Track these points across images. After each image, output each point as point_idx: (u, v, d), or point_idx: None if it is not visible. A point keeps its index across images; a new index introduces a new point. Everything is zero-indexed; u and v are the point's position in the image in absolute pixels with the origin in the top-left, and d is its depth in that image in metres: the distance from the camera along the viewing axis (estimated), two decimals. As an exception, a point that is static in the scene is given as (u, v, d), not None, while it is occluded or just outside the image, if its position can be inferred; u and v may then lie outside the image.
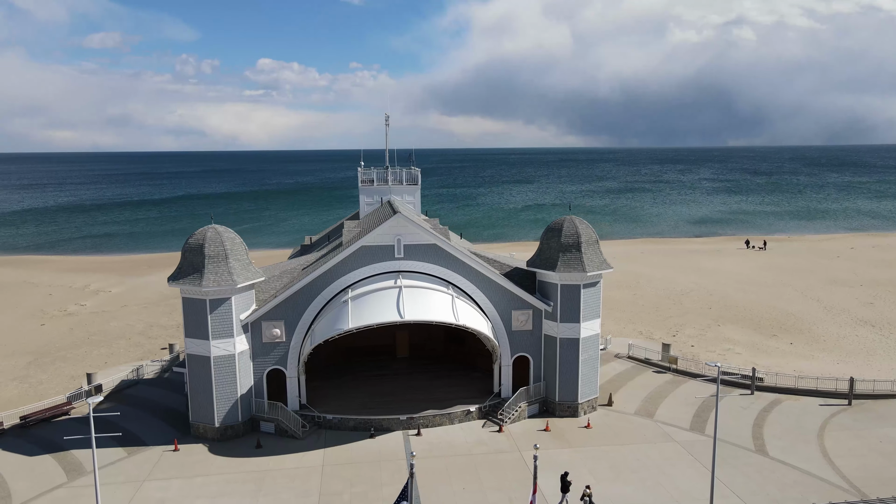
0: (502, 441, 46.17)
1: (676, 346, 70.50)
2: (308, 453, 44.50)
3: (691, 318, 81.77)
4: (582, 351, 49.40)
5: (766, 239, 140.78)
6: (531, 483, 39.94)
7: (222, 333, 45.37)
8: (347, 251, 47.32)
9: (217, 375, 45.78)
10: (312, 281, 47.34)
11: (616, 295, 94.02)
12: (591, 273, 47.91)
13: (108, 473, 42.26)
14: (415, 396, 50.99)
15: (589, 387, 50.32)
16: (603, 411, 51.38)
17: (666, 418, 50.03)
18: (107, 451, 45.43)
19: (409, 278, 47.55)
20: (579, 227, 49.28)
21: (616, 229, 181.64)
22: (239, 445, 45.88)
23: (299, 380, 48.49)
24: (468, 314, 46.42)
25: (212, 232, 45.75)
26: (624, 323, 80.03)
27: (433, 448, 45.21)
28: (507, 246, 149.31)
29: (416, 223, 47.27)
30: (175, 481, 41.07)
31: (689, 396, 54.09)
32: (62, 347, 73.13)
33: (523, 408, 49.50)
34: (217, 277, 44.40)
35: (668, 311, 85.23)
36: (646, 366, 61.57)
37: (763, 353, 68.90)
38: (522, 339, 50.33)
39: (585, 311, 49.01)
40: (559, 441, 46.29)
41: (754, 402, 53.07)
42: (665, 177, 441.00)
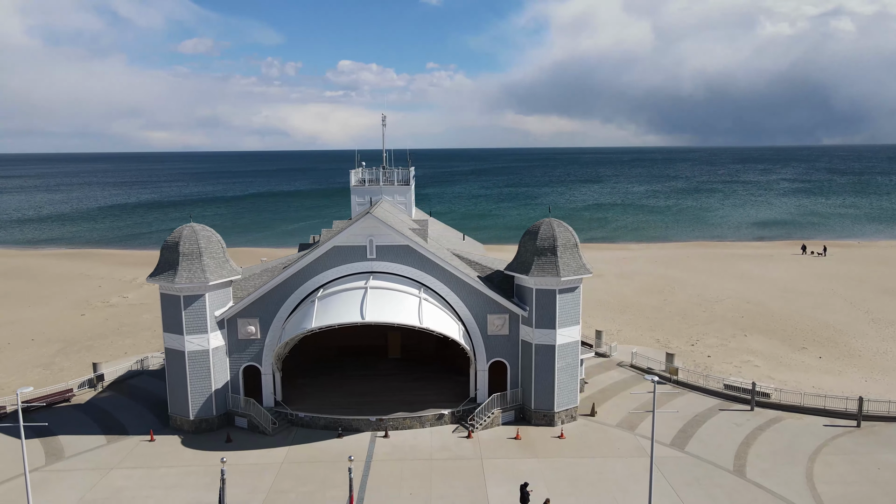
0: (467, 448, 45.31)
1: (692, 356, 67.36)
2: (272, 450, 45.13)
3: (717, 327, 77.77)
4: (558, 358, 47.81)
5: (826, 244, 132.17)
6: (483, 491, 39.22)
7: (196, 329, 46.64)
8: (320, 251, 47.65)
9: (191, 370, 47.11)
10: (286, 280, 47.97)
11: (644, 300, 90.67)
12: (566, 278, 46.29)
13: (83, 459, 44.25)
14: (392, 398, 50.80)
15: (566, 396, 48.67)
16: (583, 421, 49.59)
17: (648, 432, 47.75)
18: (90, 437, 47.59)
19: (381, 279, 47.39)
20: (556, 230, 47.71)
21: (671, 232, 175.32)
22: (211, 439, 47.06)
23: (274, 377, 49.22)
24: (435, 317, 45.79)
25: (188, 230, 47.09)
26: (643, 330, 77.03)
27: (396, 451, 44.92)
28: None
29: (388, 224, 46.99)
30: (139, 471, 42.54)
31: (680, 410, 51.45)
32: (92, 337, 77.17)
33: (497, 414, 48.41)
34: (190, 274, 45.65)
35: (695, 319, 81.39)
36: (647, 375, 58.88)
37: (784, 366, 64.72)
38: (499, 344, 49.24)
39: (562, 317, 47.38)
40: (527, 450, 45.00)
41: (751, 419, 49.90)
42: (743, 177, 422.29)
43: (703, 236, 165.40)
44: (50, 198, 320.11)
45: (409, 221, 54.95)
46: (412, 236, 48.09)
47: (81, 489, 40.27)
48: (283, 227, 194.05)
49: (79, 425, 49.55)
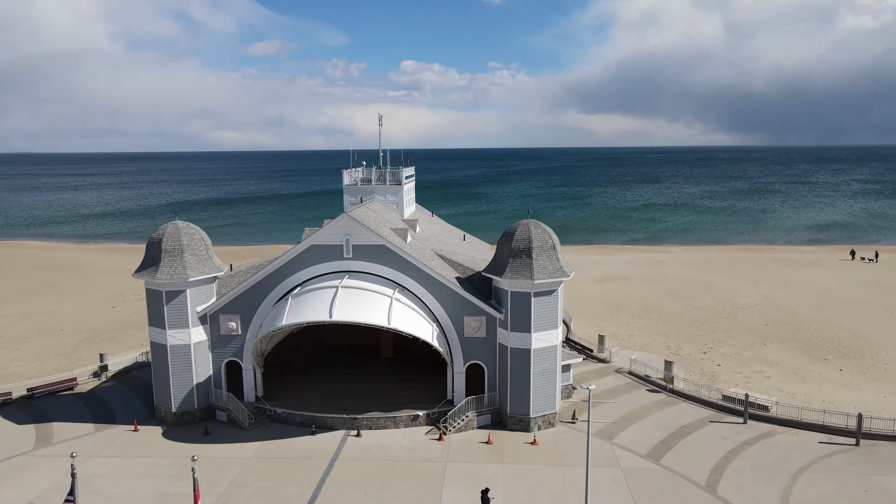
0: (436, 450, 44.92)
1: (701, 364, 64.83)
2: (244, 444, 45.94)
3: (738, 335, 74.52)
4: (534, 363, 46.80)
5: (878, 250, 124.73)
6: (439, 494, 38.92)
7: (178, 324, 47.96)
8: (297, 250, 48.20)
9: (173, 363, 48.48)
10: (266, 277, 48.75)
11: (666, 305, 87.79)
12: (541, 281, 45.23)
13: (68, 446, 46.07)
14: (373, 397, 50.90)
15: (543, 401, 47.60)
16: (561, 428, 48.41)
17: (627, 442, 46.21)
18: (80, 425, 49.60)
19: (356, 279, 47.53)
20: (532, 232, 46.68)
21: (718, 234, 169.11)
22: (190, 431, 48.28)
23: (255, 373, 50.09)
24: (406, 318, 45.59)
25: (171, 227, 48.48)
26: (657, 336, 74.58)
27: (364, 450, 44.99)
28: (583, 249, 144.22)
29: (363, 224, 47.09)
30: (115, 459, 44.07)
31: (667, 420, 49.59)
32: (115, 329, 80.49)
33: (471, 417, 47.82)
34: (171, 271, 46.97)
35: (716, 326, 78.22)
36: (643, 383, 57.13)
37: (798, 378, 61.44)
38: (476, 347, 48.61)
39: (538, 321, 46.34)
40: (495, 456, 44.25)
41: (741, 433, 47.58)
42: (812, 177, 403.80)
43: (750, 240, 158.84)
44: (118, 195, 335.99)
45: (395, 221, 54.88)
46: (389, 236, 48.03)
47: (57, 475, 42.00)
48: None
49: (73, 413, 51.73)
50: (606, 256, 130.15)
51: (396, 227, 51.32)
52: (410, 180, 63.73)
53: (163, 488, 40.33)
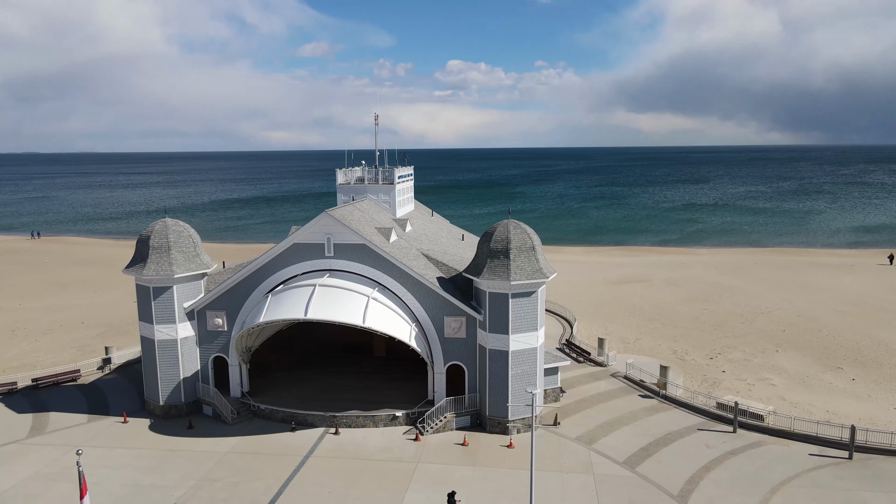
0: (409, 450, 44.79)
1: (704, 370, 62.97)
2: (225, 439, 46.71)
3: (750, 341, 72.08)
4: (512, 365, 46.19)
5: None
6: (402, 496, 38.87)
7: (165, 319, 49.07)
8: (280, 248, 48.71)
9: (161, 358, 49.63)
10: (251, 275, 49.43)
11: (682, 309, 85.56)
12: (518, 282, 44.58)
13: (58, 436, 47.74)
14: (357, 396, 51.07)
15: (522, 404, 46.90)
16: (541, 432, 47.60)
17: (606, 447, 45.17)
18: (75, 416, 51.23)
19: (337, 277, 47.76)
20: (511, 232, 46.04)
21: (754, 236, 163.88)
22: (176, 425, 49.31)
23: (241, 368, 50.85)
24: (382, 317, 45.58)
25: (160, 225, 49.62)
26: (666, 340, 72.74)
27: (339, 448, 45.18)
28: (609, 250, 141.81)
29: (343, 223, 47.28)
30: (99, 450, 45.34)
31: (653, 426, 48.29)
32: (130, 323, 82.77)
33: (449, 418, 47.51)
34: (158, 267, 48.09)
35: (729, 331, 75.82)
36: (637, 388, 55.78)
37: (806, 386, 59.07)
38: (456, 347, 48.27)
39: (516, 323, 45.71)
40: (467, 458, 43.84)
41: (728, 442, 45.97)
42: (867, 178, 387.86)
43: (788, 242, 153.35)
44: (164, 193, 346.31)
45: (383, 220, 54.90)
46: (370, 236, 48.10)
47: (41, 464, 43.46)
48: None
49: (71, 404, 53.47)
50: (632, 258, 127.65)
51: (381, 227, 51.36)
52: (406, 180, 63.64)
53: (137, 479, 41.28)
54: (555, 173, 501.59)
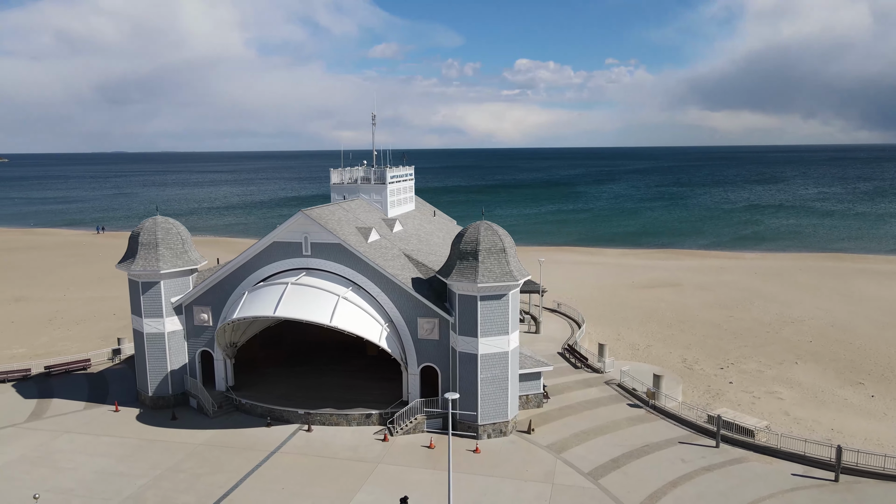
0: (374, 450, 44.74)
1: (709, 381, 60.37)
2: (200, 431, 47.97)
3: (770, 351, 68.51)
4: (482, 369, 45.44)
5: None
6: (352, 495, 39.00)
7: (153, 313, 50.84)
8: (260, 246, 49.61)
9: (149, 351, 51.44)
10: (234, 272, 50.54)
11: (706, 315, 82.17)
12: (485, 284, 43.82)
13: (53, 421, 50.17)
14: (337, 394, 51.40)
15: (493, 409, 46.12)
16: (513, 438, 46.67)
17: (576, 457, 43.82)
18: (73, 403, 53.70)
19: (314, 276, 48.23)
20: (481, 233, 45.26)
21: (813, 240, 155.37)
22: (161, 416, 50.90)
23: (225, 363, 52.11)
24: (351, 317, 45.72)
25: (149, 222, 51.42)
26: (678, 347, 70.06)
27: (306, 446, 45.61)
28: (650, 253, 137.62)
29: (319, 223, 47.71)
30: (84, 437, 47.38)
31: (632, 437, 46.51)
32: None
33: (420, 420, 47.21)
34: (145, 263, 49.86)
35: (750, 340, 72.28)
36: (627, 397, 53.88)
37: (817, 402, 55.69)
38: (429, 349, 47.91)
39: (485, 326, 44.94)
40: (429, 461, 43.42)
41: (707, 457, 43.77)
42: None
43: (846, 248, 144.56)
44: (230, 191, 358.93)
45: (368, 219, 55.02)
46: (345, 235, 48.32)
47: (28, 447, 45.76)
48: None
49: (74, 391, 56.13)
50: (669, 262, 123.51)
51: (362, 226, 51.53)
52: (403, 180, 63.50)
53: (109, 467, 42.89)
54: (618, 173, 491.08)
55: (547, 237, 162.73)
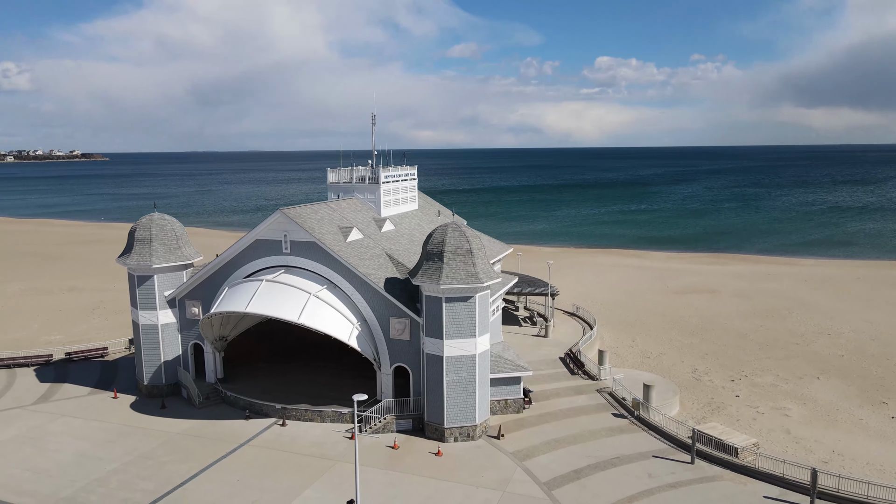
0: (337, 448, 44.98)
1: (714, 393, 57.49)
2: (182, 421, 49.71)
3: (793, 364, 64.39)
4: (447, 371, 44.90)
5: None
6: (299, 492, 39.51)
7: (147, 306, 53.13)
8: (243, 243, 50.93)
9: (144, 342, 53.80)
10: (221, 267, 52.11)
11: (734, 324, 78.10)
12: (448, 286, 43.27)
13: (56, 405, 53.26)
14: (319, 391, 52.06)
15: (461, 412, 45.49)
16: (481, 443, 45.88)
17: (538, 466, 42.62)
18: (80, 388, 56.87)
19: (293, 273, 49.05)
20: (448, 235, 44.69)
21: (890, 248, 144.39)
22: (152, 404, 53.01)
23: (214, 356, 53.80)
24: (321, 315, 46.20)
25: (146, 219, 53.71)
26: (692, 356, 66.95)
27: (275, 440, 46.42)
28: (695, 257, 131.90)
29: (295, 221, 48.49)
30: (77, 420, 50.05)
31: (605, 448, 44.81)
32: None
33: (389, 420, 47.17)
34: (139, 258, 52.17)
35: (775, 352, 68.15)
36: (616, 406, 51.94)
37: (828, 421, 51.96)
38: (401, 349, 47.79)
39: (451, 328, 44.39)
40: (388, 461, 43.31)
41: (676, 473, 41.62)
42: None
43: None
44: (300, 189, 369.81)
45: (355, 218, 55.34)
46: (321, 234, 48.86)
47: (24, 428, 48.75)
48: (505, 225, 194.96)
49: (85, 377, 59.40)
50: (716, 267, 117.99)
51: (343, 225, 51.95)
52: (402, 179, 63.33)
53: (89, 451, 45.09)
54: (696, 173, 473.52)
55: (595, 239, 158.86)
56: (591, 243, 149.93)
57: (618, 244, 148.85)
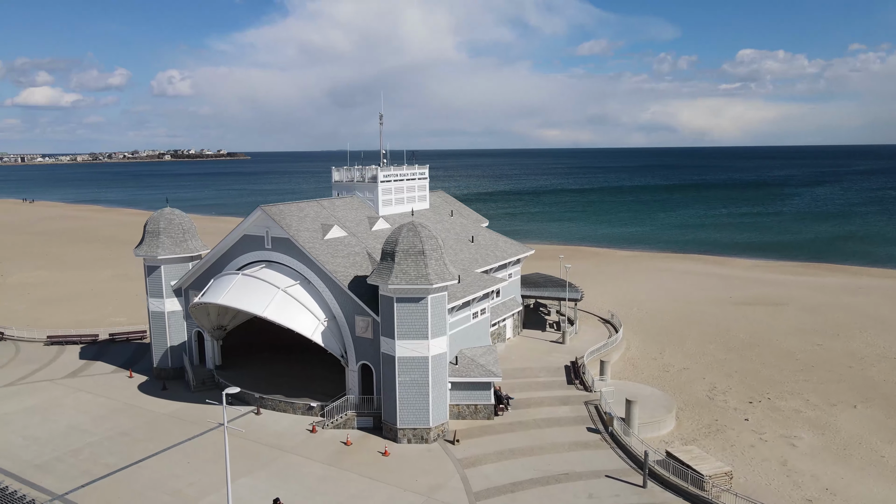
0: (296, 440, 46.07)
1: (725, 414, 52.91)
2: (174, 403, 53.05)
3: (831, 390, 57.67)
4: (399, 372, 44.59)
5: None
6: (237, 479, 41.07)
7: (156, 294, 57.15)
8: (232, 238, 53.39)
9: (153, 327, 57.90)
10: (217, 260, 54.97)
11: (787, 342, 71.05)
12: (396, 286, 42.95)
13: (79, 380, 58.67)
14: (300, 384, 53.60)
15: (413, 413, 45.04)
16: (434, 446, 45.23)
17: (478, 475, 41.37)
18: (107, 366, 62.36)
19: (272, 268, 50.83)
20: (401, 234, 44.26)
21: None
22: (156, 385, 56.97)
23: (213, 343, 56.85)
24: (287, 310, 47.44)
25: (157, 214, 57.69)
26: (717, 374, 61.72)
27: (243, 427, 48.21)
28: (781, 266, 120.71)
29: (272, 217, 50.13)
30: (87, 395, 54.88)
31: (557, 463, 42.69)
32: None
33: (350, 416, 47.62)
34: (148, 249, 56.21)
35: (818, 375, 61.26)
36: (594, 420, 49.15)
37: (840, 457, 46.20)
38: (365, 347, 48.05)
39: (402, 328, 44.04)
40: (334, 457, 43.74)
41: (622, 496, 38.87)
42: None
43: None
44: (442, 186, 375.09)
45: (345, 216, 56.07)
46: (296, 231, 50.10)
47: (42, 399, 54.12)
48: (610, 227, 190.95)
49: (117, 357, 64.94)
50: (802, 278, 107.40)
51: (325, 223, 52.95)
52: (407, 179, 63.05)
53: (81, 424, 49.31)
54: (843, 174, 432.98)
55: (682, 244, 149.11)
56: (675, 248, 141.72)
57: (705, 250, 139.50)
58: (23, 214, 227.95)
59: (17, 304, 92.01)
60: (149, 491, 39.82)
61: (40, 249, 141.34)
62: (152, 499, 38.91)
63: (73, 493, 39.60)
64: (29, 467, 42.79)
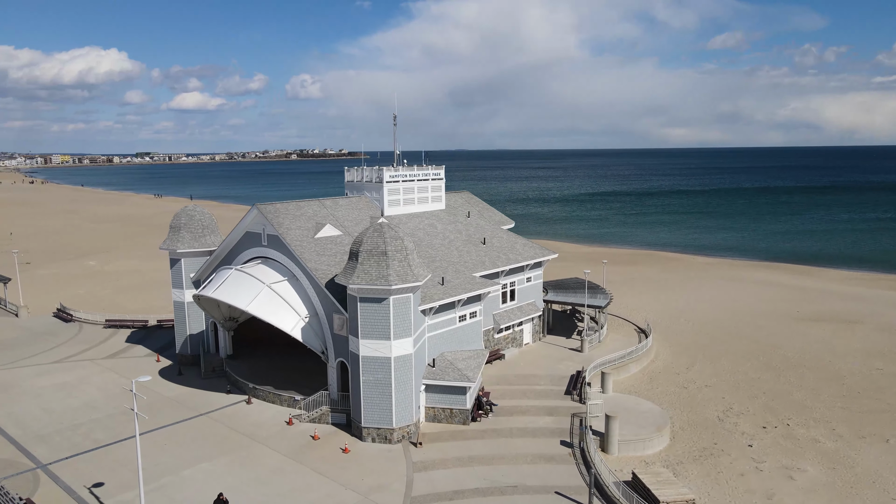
0: (269, 431, 47.53)
1: (730, 439, 48.99)
2: (181, 387, 56.42)
3: (868, 420, 51.65)
4: (363, 371, 44.83)
5: None
6: (191, 464, 43.28)
7: (178, 285, 61.00)
8: (237, 234, 55.86)
9: (176, 316, 61.85)
10: (226, 254, 57.79)
11: (842, 364, 64.35)
12: (356, 286, 43.20)
13: (115, 361, 63.77)
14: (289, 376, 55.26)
15: (377, 413, 45.15)
16: (394, 447, 45.11)
17: (424, 481, 40.90)
18: (146, 350, 67.32)
19: (267, 265, 52.76)
20: (366, 234, 44.44)
21: None
22: (173, 370, 60.80)
23: (224, 334, 59.86)
24: (270, 305, 48.99)
25: (180, 210, 61.48)
26: (740, 397, 56.93)
27: (229, 415, 50.55)
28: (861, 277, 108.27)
29: (264, 215, 51.98)
30: (112, 375, 59.47)
31: (512, 475, 41.33)
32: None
33: (324, 411, 48.51)
34: (171, 243, 60.11)
35: (860, 403, 54.99)
36: (573, 434, 46.97)
37: (843, 494, 41.51)
38: (342, 344, 48.62)
39: (365, 328, 44.27)
40: (297, 451, 44.70)
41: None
42: None
43: None
44: (548, 185, 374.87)
45: (345, 216, 56.76)
46: (285, 229, 51.54)
47: (74, 376, 59.31)
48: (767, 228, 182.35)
49: (154, 342, 69.95)
50: (888, 292, 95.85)
51: (320, 222, 54.11)
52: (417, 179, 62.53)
53: (94, 401, 53.60)
54: None
55: (763, 253, 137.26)
56: (764, 257, 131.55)
57: (797, 259, 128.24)
58: (148, 209, 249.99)
59: (104, 290, 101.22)
60: (120, 467, 42.70)
61: (145, 241, 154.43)
62: (117, 473, 41.72)
63: (55, 464, 43.25)
64: (32, 437, 47.22)
